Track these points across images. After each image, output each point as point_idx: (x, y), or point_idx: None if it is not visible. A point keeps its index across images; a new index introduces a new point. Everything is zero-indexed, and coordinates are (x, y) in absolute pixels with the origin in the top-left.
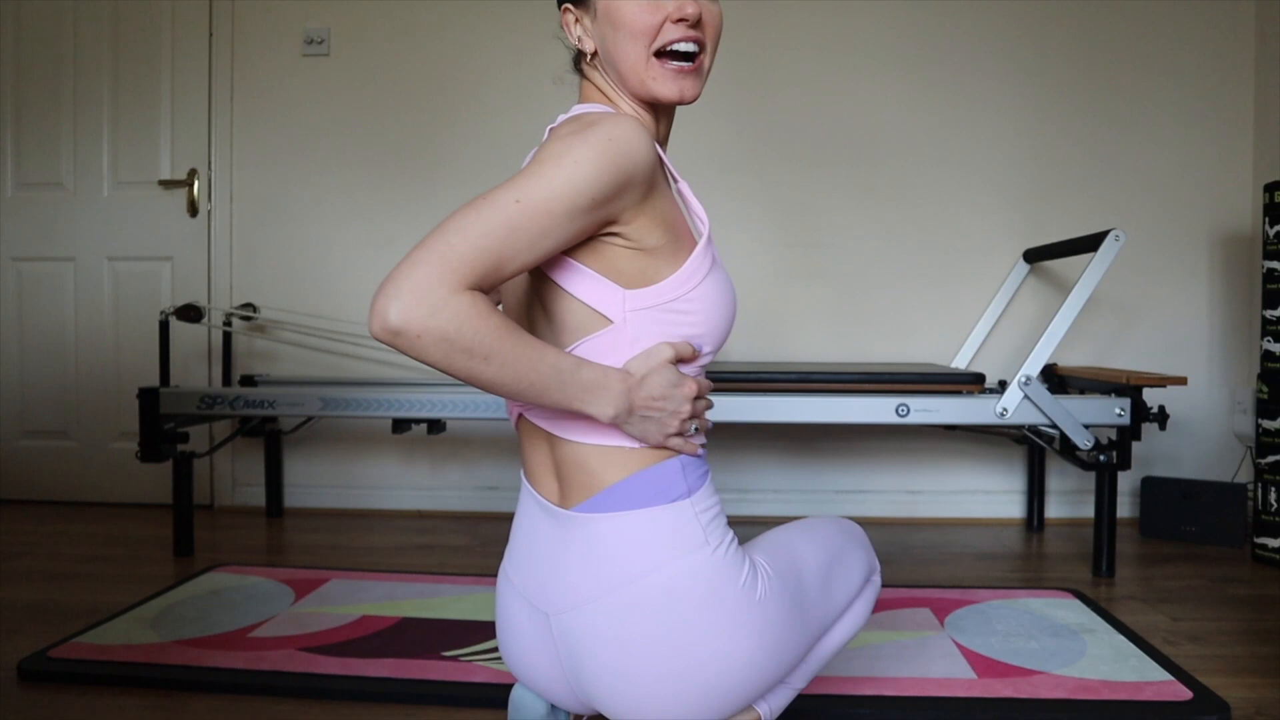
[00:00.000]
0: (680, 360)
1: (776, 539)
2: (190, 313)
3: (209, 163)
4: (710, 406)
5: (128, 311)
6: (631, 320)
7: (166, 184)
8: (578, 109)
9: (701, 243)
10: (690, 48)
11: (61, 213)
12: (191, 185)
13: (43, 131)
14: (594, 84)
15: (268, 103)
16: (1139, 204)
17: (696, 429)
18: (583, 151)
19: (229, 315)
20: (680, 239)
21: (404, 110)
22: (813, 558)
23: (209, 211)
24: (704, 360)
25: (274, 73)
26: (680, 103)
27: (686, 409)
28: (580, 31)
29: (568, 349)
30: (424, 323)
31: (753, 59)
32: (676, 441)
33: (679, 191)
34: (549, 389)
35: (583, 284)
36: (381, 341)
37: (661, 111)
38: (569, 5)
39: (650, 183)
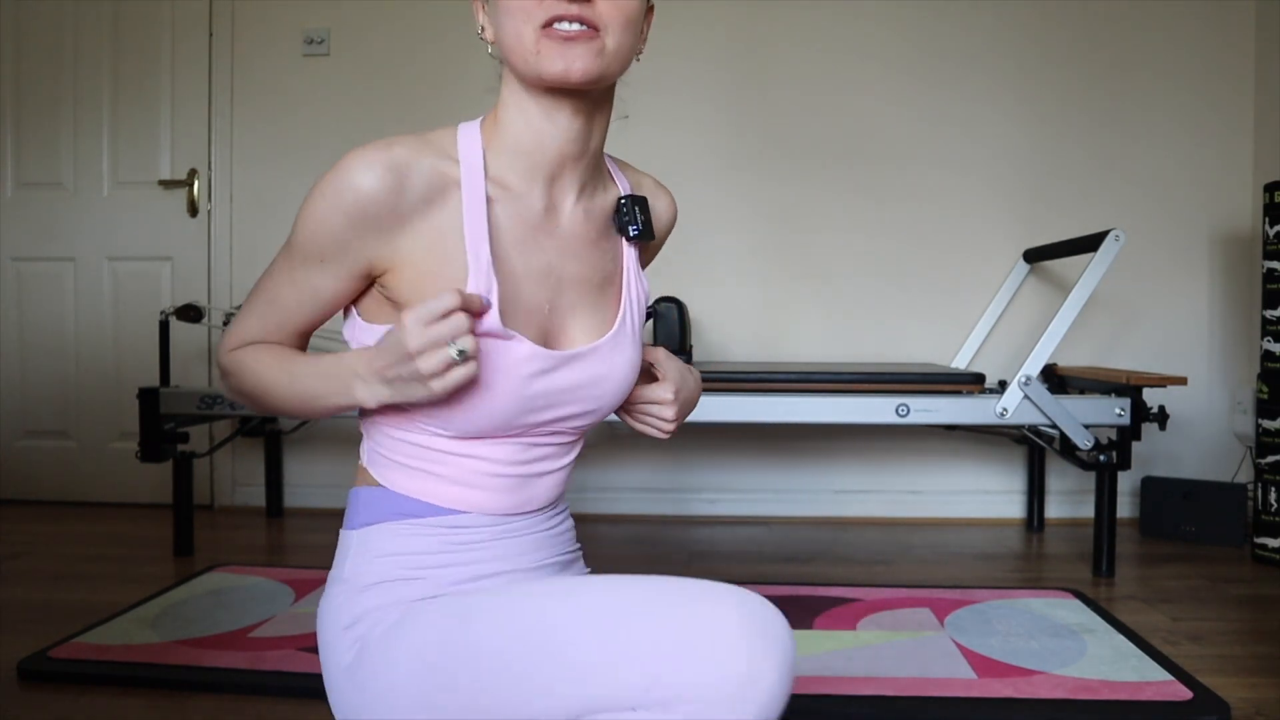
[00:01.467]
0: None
1: (496, 598)
2: (190, 313)
3: (209, 163)
4: (460, 329)
5: (128, 311)
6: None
7: (166, 184)
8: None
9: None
10: (572, 28)
11: (61, 213)
12: (191, 185)
13: (43, 131)
14: (502, 85)
15: (268, 103)
16: (1139, 204)
17: (463, 353)
18: (308, 208)
19: (229, 315)
20: (450, 281)
21: (404, 110)
22: (489, 632)
23: (209, 211)
24: (447, 435)
25: (274, 73)
26: (566, 81)
27: (420, 346)
28: (483, 19)
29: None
30: (223, 381)
31: (753, 59)
32: (457, 375)
33: (487, 220)
34: (319, 396)
35: (359, 339)
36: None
37: (559, 108)
38: None
39: (379, 220)
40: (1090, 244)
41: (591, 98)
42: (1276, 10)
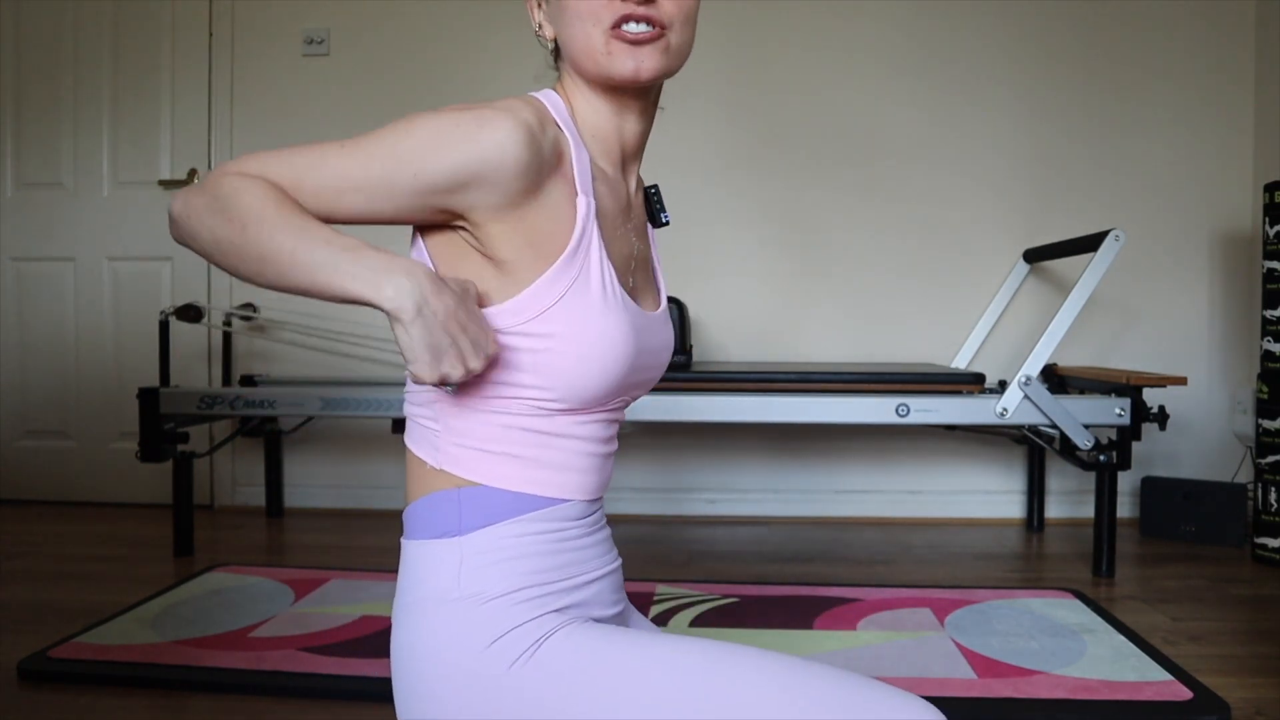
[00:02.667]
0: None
1: (667, 645)
2: (190, 313)
3: (209, 163)
4: (494, 350)
5: (128, 311)
6: None
7: (166, 184)
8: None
9: (560, 259)
10: (641, 28)
11: (61, 213)
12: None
13: (43, 131)
14: (562, 80)
15: (268, 103)
16: (1139, 204)
17: (451, 387)
18: (433, 122)
19: (229, 315)
20: (550, 258)
21: (404, 110)
22: (697, 681)
23: None
24: (550, 407)
25: (274, 73)
26: (635, 81)
27: (469, 344)
28: (541, 17)
29: None
30: (195, 198)
31: (754, 59)
32: (448, 368)
33: (589, 211)
34: (328, 269)
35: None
36: (172, 232)
37: (625, 102)
38: None
39: (511, 190)
40: (1090, 244)
41: (654, 92)
42: (1276, 10)
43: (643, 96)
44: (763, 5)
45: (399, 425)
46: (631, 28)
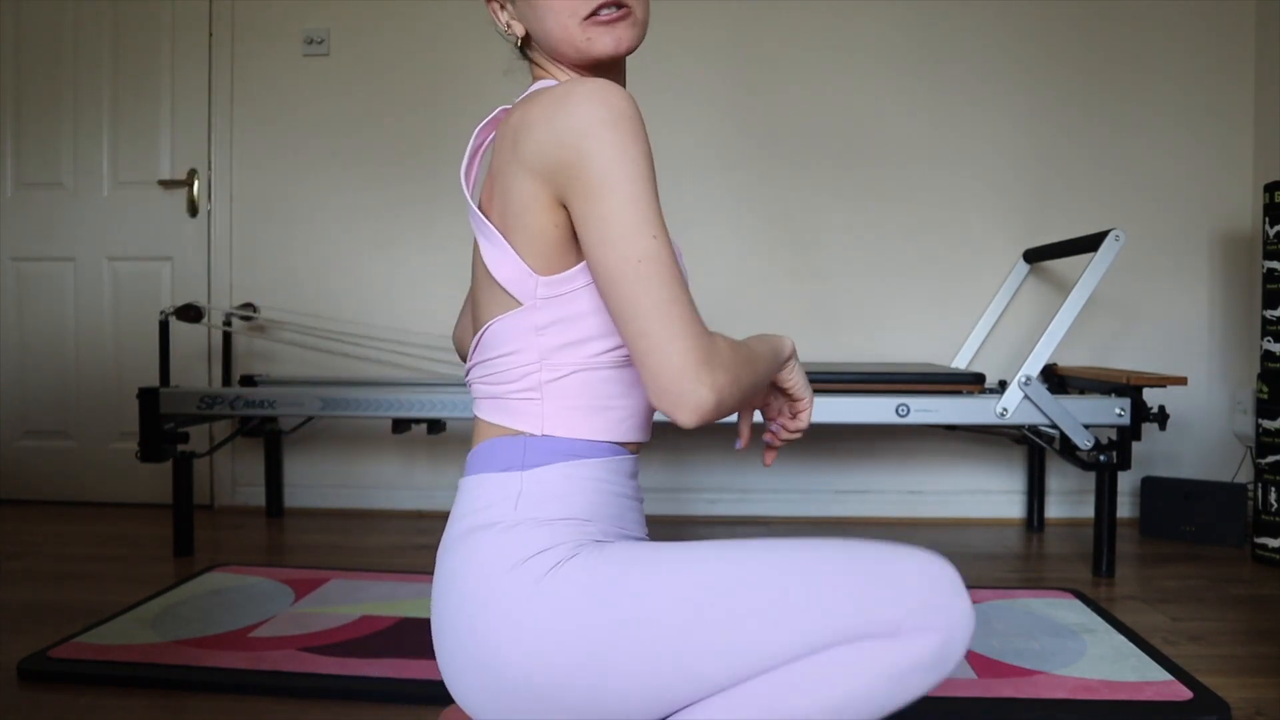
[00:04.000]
0: None
1: (699, 545)
2: (190, 313)
3: (209, 163)
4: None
5: (128, 311)
6: (540, 306)
7: (166, 184)
8: (536, 87)
9: None
10: (612, 11)
11: (61, 213)
12: (191, 185)
13: (43, 131)
14: (539, 64)
15: (268, 103)
16: (1139, 204)
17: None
18: (628, 146)
19: (229, 315)
20: None
21: (404, 110)
22: (707, 570)
23: (209, 211)
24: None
25: (274, 73)
26: (617, 54)
27: (789, 408)
28: (506, 18)
29: (483, 329)
30: (722, 388)
31: (752, 59)
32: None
33: None
34: (769, 370)
35: (505, 264)
36: (704, 423)
37: (617, 71)
38: None
39: None
40: (1090, 244)
41: (623, 62)
42: (1276, 10)
43: (616, 67)
44: (762, 5)
45: (399, 425)
46: (604, 12)
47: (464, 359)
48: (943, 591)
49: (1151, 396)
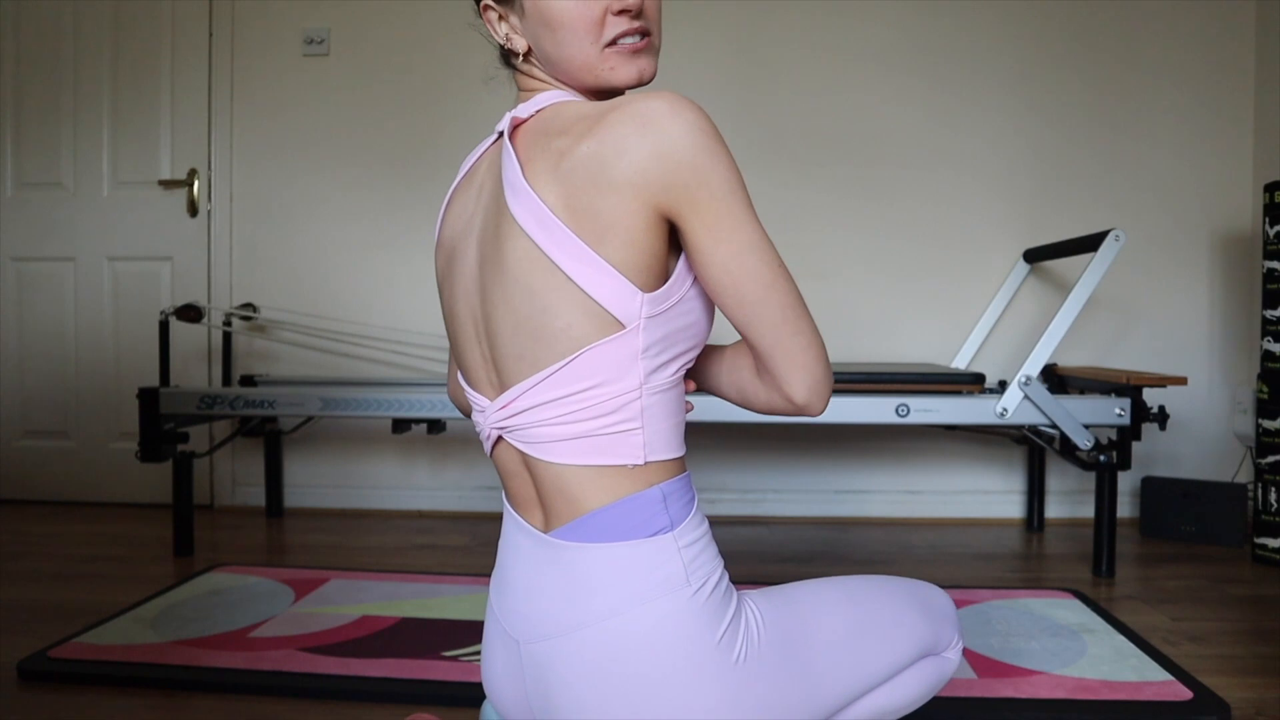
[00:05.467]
0: None
1: (794, 591)
2: (190, 313)
3: (209, 163)
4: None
5: (128, 311)
6: (645, 326)
7: (166, 184)
8: (550, 100)
9: None
10: (636, 40)
11: (61, 213)
12: (191, 185)
13: (43, 131)
14: (534, 77)
15: (268, 103)
16: (1139, 204)
17: None
18: (731, 162)
19: (229, 315)
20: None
21: (404, 110)
22: (831, 617)
23: (209, 211)
24: (690, 367)
25: (274, 73)
26: (640, 85)
27: None
28: (507, 29)
29: (564, 360)
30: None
31: (753, 59)
32: None
33: None
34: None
35: (604, 284)
36: (812, 413)
37: (613, 96)
38: (490, 3)
39: None
40: (1090, 244)
41: None
42: (1276, 10)
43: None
44: (762, 5)
45: (399, 425)
46: (627, 41)
47: (467, 413)
48: (954, 615)
49: (1151, 396)
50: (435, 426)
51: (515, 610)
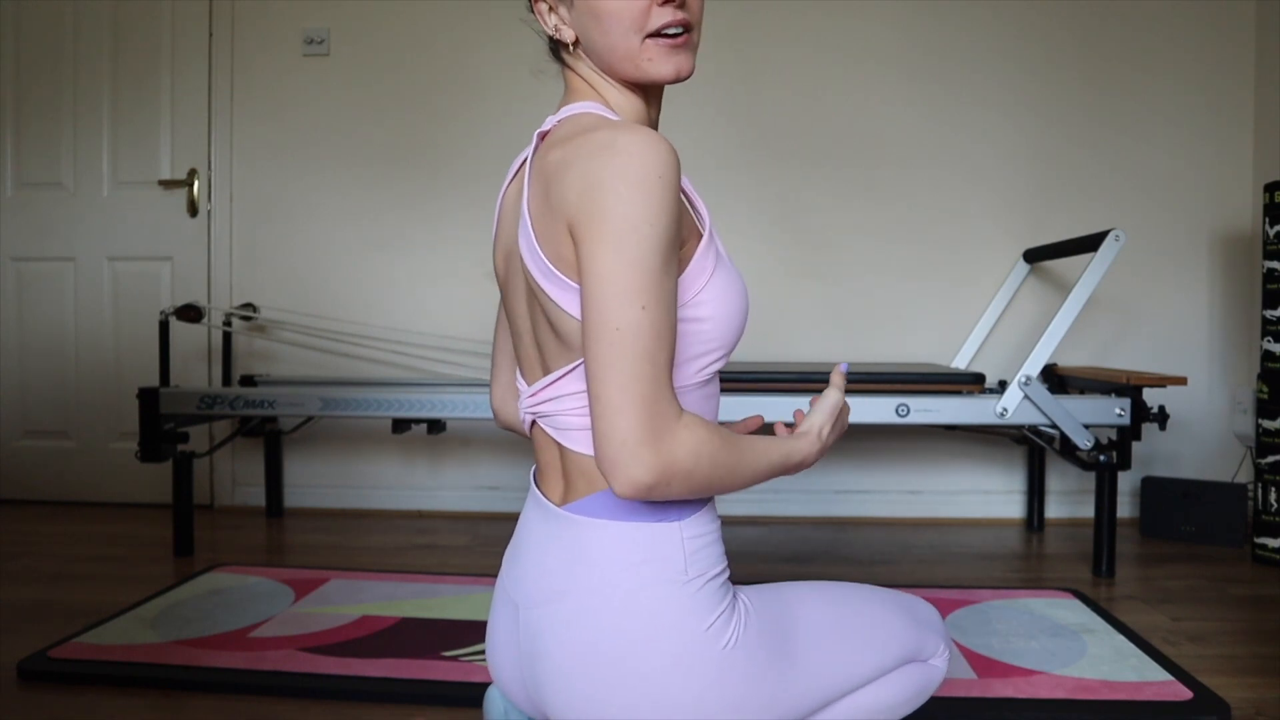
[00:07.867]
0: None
1: (782, 587)
2: (190, 313)
3: (209, 163)
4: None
5: (128, 311)
6: None
7: (166, 184)
8: (573, 111)
9: (704, 238)
10: (679, 33)
11: (61, 213)
12: (191, 185)
13: (43, 131)
14: (578, 74)
15: (268, 103)
16: (1139, 204)
17: None
18: (647, 210)
19: (229, 315)
20: (685, 238)
21: (404, 110)
22: (818, 611)
23: (209, 211)
24: (717, 367)
25: (274, 73)
26: (677, 80)
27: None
28: (556, 20)
29: (573, 364)
30: (666, 472)
31: (753, 59)
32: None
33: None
34: (772, 474)
35: (575, 302)
36: (637, 498)
37: (652, 93)
38: None
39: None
40: (1090, 244)
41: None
42: (1276, 10)
43: (660, 88)
44: (762, 5)
45: (399, 425)
46: (669, 33)
47: (509, 427)
48: (942, 627)
49: (1151, 396)
50: (435, 426)
51: (522, 577)
